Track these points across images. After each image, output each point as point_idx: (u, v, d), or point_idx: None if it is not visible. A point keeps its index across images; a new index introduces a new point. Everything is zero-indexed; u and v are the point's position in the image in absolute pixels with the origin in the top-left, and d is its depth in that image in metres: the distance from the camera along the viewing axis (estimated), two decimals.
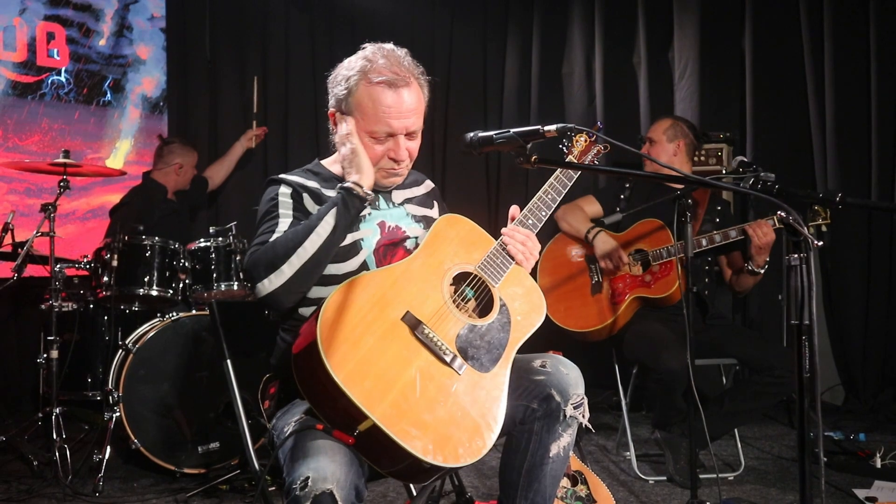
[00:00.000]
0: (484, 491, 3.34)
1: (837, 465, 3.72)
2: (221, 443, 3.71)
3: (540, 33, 5.85)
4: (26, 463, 3.70)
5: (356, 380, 1.82)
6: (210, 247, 3.88)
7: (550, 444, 2.09)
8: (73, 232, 5.21)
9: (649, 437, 4.02)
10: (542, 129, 1.94)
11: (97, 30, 5.48)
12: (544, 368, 2.11)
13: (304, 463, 1.76)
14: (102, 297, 3.86)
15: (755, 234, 3.49)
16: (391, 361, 1.90)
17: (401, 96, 2.15)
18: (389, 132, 2.16)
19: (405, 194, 2.35)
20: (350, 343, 1.86)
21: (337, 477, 1.73)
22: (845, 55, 4.86)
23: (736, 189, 1.97)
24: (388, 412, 1.81)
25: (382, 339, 1.91)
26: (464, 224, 2.22)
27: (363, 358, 1.86)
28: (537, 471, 2.10)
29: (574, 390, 2.09)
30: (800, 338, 1.77)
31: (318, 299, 2.05)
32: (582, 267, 3.83)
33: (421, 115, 2.22)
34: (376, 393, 1.83)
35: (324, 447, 1.80)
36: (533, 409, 2.08)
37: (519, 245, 2.18)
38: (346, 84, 2.21)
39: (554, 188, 2.35)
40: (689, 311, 3.09)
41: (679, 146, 3.90)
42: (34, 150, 5.15)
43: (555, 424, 2.08)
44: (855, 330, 4.90)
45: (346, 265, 2.14)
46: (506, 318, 2.10)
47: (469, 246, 2.18)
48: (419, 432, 1.83)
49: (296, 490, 1.72)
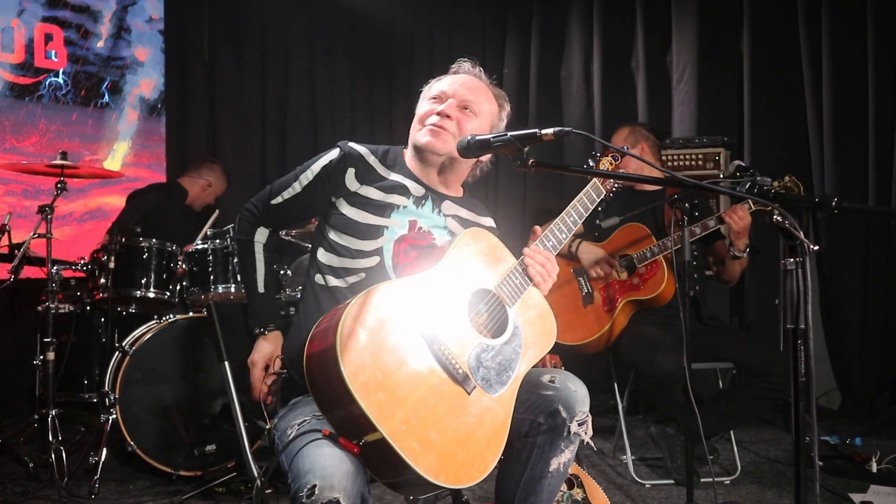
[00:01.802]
0: (481, 494, 3.34)
1: (833, 470, 3.72)
2: (218, 445, 3.70)
3: (538, 37, 5.86)
4: (22, 465, 3.69)
5: (370, 391, 1.80)
6: (207, 249, 3.87)
7: (551, 458, 2.09)
8: (71, 234, 5.21)
9: (646, 439, 4.02)
10: (540, 133, 1.93)
11: (95, 31, 5.48)
12: (553, 384, 2.10)
13: (311, 470, 1.76)
14: (99, 299, 3.85)
15: (732, 220, 3.48)
16: (406, 376, 1.87)
17: (461, 73, 2.36)
18: (441, 92, 2.29)
19: (457, 211, 2.34)
20: (368, 353, 1.84)
21: (344, 486, 1.73)
22: (843, 60, 4.87)
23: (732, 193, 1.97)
24: (398, 428, 1.80)
25: (400, 353, 1.89)
26: (487, 239, 2.20)
27: (379, 369, 1.84)
28: (536, 484, 2.10)
29: (580, 407, 2.08)
30: (796, 342, 1.78)
31: (328, 266, 2.17)
32: (570, 280, 3.83)
33: (481, 102, 2.31)
34: (389, 407, 1.81)
35: (331, 455, 1.79)
36: (538, 424, 2.08)
37: (539, 267, 2.18)
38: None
39: (576, 210, 2.33)
40: (685, 314, 3.09)
41: (643, 149, 3.89)
42: (31, 152, 5.15)
43: (558, 440, 2.08)
44: (851, 334, 4.90)
45: (363, 244, 2.16)
46: (518, 340, 2.09)
47: (491, 262, 2.16)
48: (425, 450, 1.82)
49: (302, 497, 1.71)
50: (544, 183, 5.73)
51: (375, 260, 2.16)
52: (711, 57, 5.32)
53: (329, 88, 6.33)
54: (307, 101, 6.23)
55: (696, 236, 3.56)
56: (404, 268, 2.16)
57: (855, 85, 4.86)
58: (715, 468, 3.72)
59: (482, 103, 2.30)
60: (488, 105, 2.32)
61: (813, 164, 4.99)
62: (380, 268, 2.15)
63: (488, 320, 2.10)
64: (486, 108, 2.32)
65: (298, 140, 6.14)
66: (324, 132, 6.24)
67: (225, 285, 3.83)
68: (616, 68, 5.59)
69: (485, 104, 2.31)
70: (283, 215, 2.32)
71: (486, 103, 2.32)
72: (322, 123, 6.29)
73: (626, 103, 5.55)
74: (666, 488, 3.56)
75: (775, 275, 4.55)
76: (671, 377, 3.34)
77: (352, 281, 2.14)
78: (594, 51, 5.65)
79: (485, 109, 2.31)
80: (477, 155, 2.10)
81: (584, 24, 5.72)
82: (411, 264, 2.17)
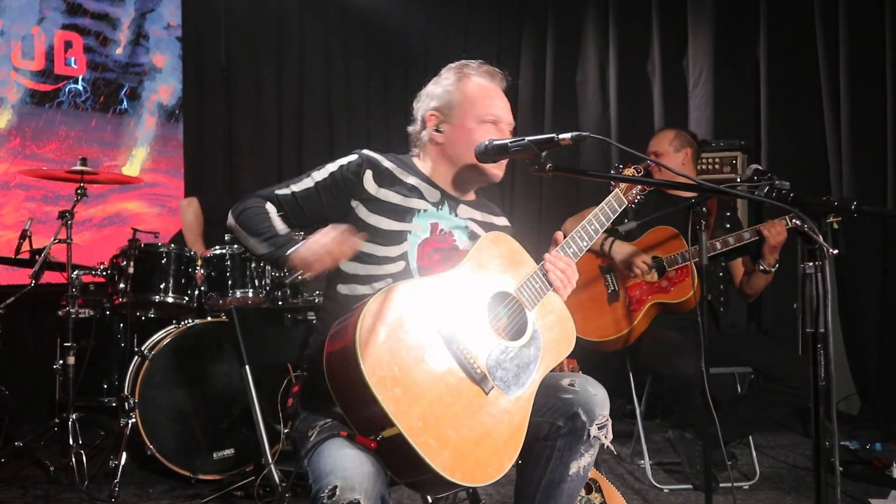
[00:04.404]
0: (498, 499, 3.34)
1: (853, 475, 3.69)
2: (236, 449, 3.72)
3: (554, 41, 5.86)
4: (43, 468, 3.73)
5: (388, 386, 1.81)
6: (226, 254, 3.90)
7: (571, 462, 2.09)
8: (90, 239, 5.24)
9: (664, 444, 4.01)
10: (557, 138, 1.94)
11: (114, 38, 5.52)
12: (572, 387, 2.12)
13: (332, 471, 1.77)
14: (119, 304, 3.88)
15: (770, 234, 3.50)
16: (424, 373, 1.89)
17: (500, 89, 2.31)
18: (496, 117, 2.25)
19: (472, 214, 2.35)
20: (386, 349, 1.86)
21: (364, 487, 1.74)
22: (860, 62, 4.85)
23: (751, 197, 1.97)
24: (415, 423, 1.81)
25: (418, 350, 1.91)
26: (508, 243, 2.22)
27: (397, 365, 1.85)
28: (555, 488, 2.11)
29: (600, 411, 2.09)
30: (815, 346, 1.77)
31: (353, 276, 2.14)
32: (597, 277, 3.82)
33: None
34: (405, 402, 1.82)
35: (352, 456, 1.81)
36: (558, 427, 2.09)
37: (559, 273, 2.18)
38: (445, 85, 2.30)
39: (598, 219, 2.34)
40: (703, 319, 3.09)
41: (686, 154, 3.91)
42: (51, 158, 5.19)
43: (578, 443, 2.08)
44: (870, 339, 4.87)
45: (388, 249, 2.16)
46: (537, 343, 2.10)
47: (511, 266, 2.17)
48: (441, 447, 1.83)
49: (323, 498, 1.73)
50: (561, 188, 5.73)
51: (401, 265, 2.16)
52: (728, 61, 5.31)
53: (345, 93, 6.37)
54: (323, 106, 6.26)
55: (729, 247, 3.57)
56: (429, 271, 2.17)
57: (872, 88, 4.83)
58: (734, 473, 3.70)
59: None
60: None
61: (831, 168, 4.97)
62: (405, 272, 2.15)
63: (507, 323, 2.11)
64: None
65: (314, 145, 6.16)
66: (339, 136, 6.28)
67: (243, 290, 3.86)
68: (632, 73, 5.59)
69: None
70: (290, 209, 2.21)
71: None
72: (338, 128, 6.32)
73: (642, 108, 5.54)
74: (684, 493, 3.55)
75: (793, 279, 4.53)
76: (690, 382, 3.34)
77: (378, 287, 2.12)
78: (610, 55, 5.65)
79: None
80: (495, 160, 2.11)
81: (599, 29, 5.72)
82: (435, 267, 2.17)
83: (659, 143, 3.96)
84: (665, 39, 5.48)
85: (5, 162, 5.05)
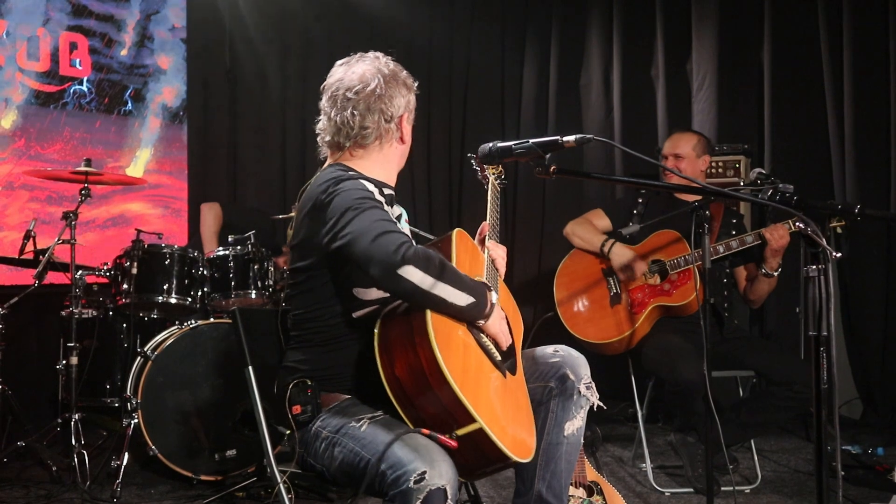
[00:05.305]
0: (499, 501, 3.34)
1: (855, 480, 3.69)
2: (238, 450, 3.72)
3: (558, 44, 5.86)
4: (45, 468, 3.73)
5: (467, 386, 1.89)
6: (229, 255, 3.90)
7: (565, 423, 2.27)
8: (94, 240, 5.25)
9: (666, 447, 4.00)
10: (562, 140, 1.95)
11: (119, 40, 5.53)
12: (558, 353, 2.32)
13: (416, 457, 1.81)
14: (122, 305, 3.89)
15: (772, 237, 3.51)
16: (474, 368, 2.00)
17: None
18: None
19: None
20: (461, 349, 1.98)
21: (450, 476, 1.81)
22: (864, 66, 4.85)
23: (754, 200, 1.98)
24: (488, 417, 1.89)
25: (465, 348, 2.01)
26: (469, 239, 2.32)
27: (462, 365, 1.94)
28: (553, 450, 2.27)
29: (584, 371, 2.29)
30: (818, 349, 1.77)
31: (361, 301, 2.13)
32: (599, 279, 3.83)
33: None
34: (475, 398, 1.89)
35: (435, 447, 1.86)
36: (550, 388, 2.27)
37: (501, 260, 2.36)
38: (406, 88, 2.40)
39: (493, 205, 2.43)
40: (706, 322, 3.09)
41: (705, 162, 3.94)
42: (56, 159, 5.20)
43: (569, 402, 2.26)
44: (873, 343, 4.86)
45: None
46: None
47: (474, 260, 2.28)
48: (502, 434, 1.92)
49: (409, 482, 1.77)
50: (564, 190, 5.72)
51: None
52: (732, 65, 5.31)
53: None
54: None
55: (732, 250, 3.59)
56: None
57: (876, 93, 4.83)
58: (735, 477, 3.70)
59: None
60: None
61: (834, 172, 4.97)
62: None
63: None
64: None
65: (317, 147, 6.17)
66: None
67: (245, 291, 3.86)
68: (635, 76, 5.59)
69: None
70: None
71: None
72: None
73: (646, 111, 5.54)
74: (686, 497, 3.55)
75: (796, 283, 4.53)
76: (692, 385, 3.34)
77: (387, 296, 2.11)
78: (614, 59, 5.64)
79: None
80: (499, 162, 2.13)
81: (603, 33, 5.72)
82: None
83: (682, 145, 3.92)
84: (669, 44, 5.48)
85: (10, 162, 5.06)
